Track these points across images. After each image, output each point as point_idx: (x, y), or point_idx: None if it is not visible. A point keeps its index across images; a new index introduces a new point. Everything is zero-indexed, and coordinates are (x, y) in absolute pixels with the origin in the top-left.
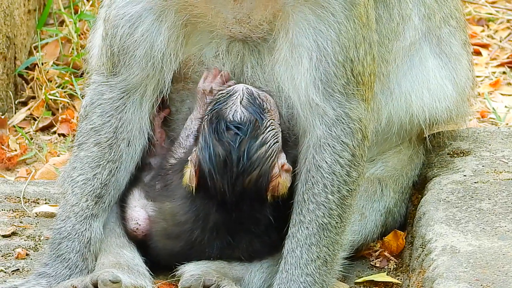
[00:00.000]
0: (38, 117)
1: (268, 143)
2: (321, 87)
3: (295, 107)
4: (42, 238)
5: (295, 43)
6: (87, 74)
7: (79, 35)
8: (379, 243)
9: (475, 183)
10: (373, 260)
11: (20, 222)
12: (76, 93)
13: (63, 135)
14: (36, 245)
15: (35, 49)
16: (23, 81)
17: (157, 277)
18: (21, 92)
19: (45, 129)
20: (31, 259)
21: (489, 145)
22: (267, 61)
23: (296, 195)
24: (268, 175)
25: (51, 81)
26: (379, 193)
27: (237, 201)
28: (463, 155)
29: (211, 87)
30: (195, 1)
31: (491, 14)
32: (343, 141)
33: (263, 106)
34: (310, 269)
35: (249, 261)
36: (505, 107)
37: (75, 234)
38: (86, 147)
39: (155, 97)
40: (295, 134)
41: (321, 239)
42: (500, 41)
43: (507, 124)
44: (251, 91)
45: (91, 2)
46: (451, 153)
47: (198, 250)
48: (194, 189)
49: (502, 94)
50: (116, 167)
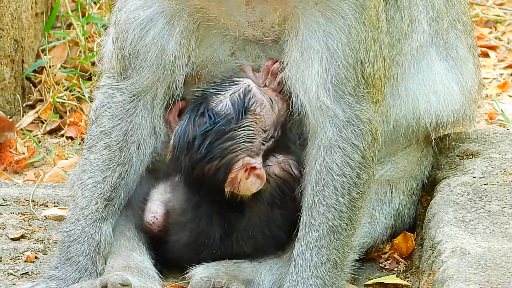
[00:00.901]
0: (46, 120)
1: (236, 140)
2: (332, 89)
3: (305, 109)
4: (51, 241)
5: (305, 46)
6: (95, 77)
7: (86, 38)
8: (388, 245)
9: (485, 184)
10: (382, 262)
11: (29, 225)
12: (84, 96)
13: (71, 138)
14: (45, 248)
15: (42, 52)
16: (31, 84)
17: (166, 280)
18: (29, 95)
19: (53, 132)
20: (40, 262)
21: (498, 146)
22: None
23: (306, 197)
24: (227, 169)
25: (58, 84)
26: (389, 195)
27: (199, 186)
28: (472, 157)
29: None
30: (207, 5)
31: (498, 16)
32: (353, 143)
33: (249, 107)
34: (320, 271)
35: (255, 255)
36: None
37: (85, 237)
38: (96, 150)
39: (166, 100)
40: (303, 135)
41: (331, 241)
42: (508, 43)
43: None
44: (249, 89)
45: (98, 5)
46: (460, 155)
47: (203, 242)
48: (168, 160)
49: (510, 96)
50: (126, 170)
